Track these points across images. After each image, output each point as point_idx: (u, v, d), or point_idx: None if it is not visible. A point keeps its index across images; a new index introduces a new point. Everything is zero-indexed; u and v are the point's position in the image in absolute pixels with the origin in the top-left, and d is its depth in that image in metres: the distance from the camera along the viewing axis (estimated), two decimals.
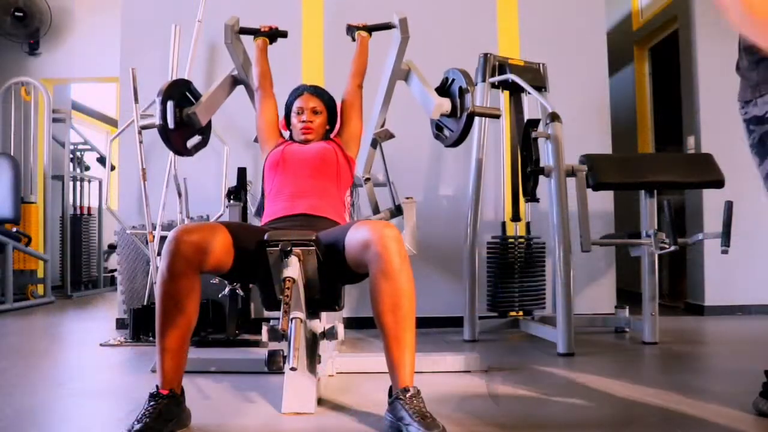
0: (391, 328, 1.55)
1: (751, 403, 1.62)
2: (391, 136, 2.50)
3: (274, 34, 2.40)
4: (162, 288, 1.54)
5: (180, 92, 2.18)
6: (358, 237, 1.59)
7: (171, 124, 2.07)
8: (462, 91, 2.11)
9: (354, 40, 2.43)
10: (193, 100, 2.24)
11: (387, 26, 2.41)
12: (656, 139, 4.77)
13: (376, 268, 1.55)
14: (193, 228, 1.58)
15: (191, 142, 2.24)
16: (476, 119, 3.02)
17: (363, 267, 1.60)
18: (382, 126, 2.50)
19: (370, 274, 1.57)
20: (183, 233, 1.55)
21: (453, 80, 2.20)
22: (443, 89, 2.25)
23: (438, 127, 2.34)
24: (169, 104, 2.07)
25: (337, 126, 2.28)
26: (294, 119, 2.16)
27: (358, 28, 2.43)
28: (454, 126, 2.20)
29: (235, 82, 2.39)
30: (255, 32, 2.37)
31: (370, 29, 2.43)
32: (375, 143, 2.55)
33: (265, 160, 2.12)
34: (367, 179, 2.61)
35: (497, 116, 2.35)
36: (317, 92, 2.19)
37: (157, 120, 2.08)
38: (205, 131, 2.31)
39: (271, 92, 2.29)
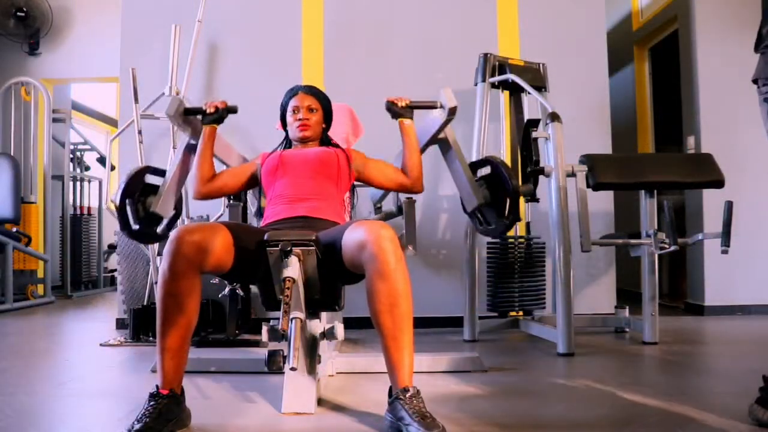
0: (389, 328, 1.55)
1: (747, 408, 1.57)
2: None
3: (221, 116, 2.07)
4: (163, 288, 1.54)
5: (139, 183, 2.08)
6: (354, 238, 1.59)
7: (135, 226, 2.00)
8: (513, 197, 2.03)
9: (394, 119, 2.12)
10: (159, 178, 2.13)
11: (433, 106, 2.11)
12: (656, 139, 4.77)
13: (372, 269, 1.55)
14: (194, 228, 1.58)
15: (162, 227, 2.11)
16: (476, 119, 3.03)
17: (360, 267, 1.60)
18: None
19: (366, 275, 1.57)
20: (185, 233, 1.55)
21: (496, 174, 2.10)
22: (475, 168, 2.19)
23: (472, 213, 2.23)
24: (128, 208, 1.98)
25: (350, 127, 2.25)
26: (290, 118, 2.15)
27: (399, 112, 2.09)
28: (492, 218, 2.13)
29: (193, 150, 2.17)
30: (201, 113, 2.08)
31: (413, 108, 2.11)
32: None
33: (261, 173, 2.09)
34: (378, 209, 2.61)
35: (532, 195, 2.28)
36: (312, 91, 2.19)
37: (118, 226, 2.03)
38: (177, 207, 2.17)
39: (212, 184, 2.08)
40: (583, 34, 3.58)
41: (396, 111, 2.09)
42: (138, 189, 2.08)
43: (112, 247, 6.03)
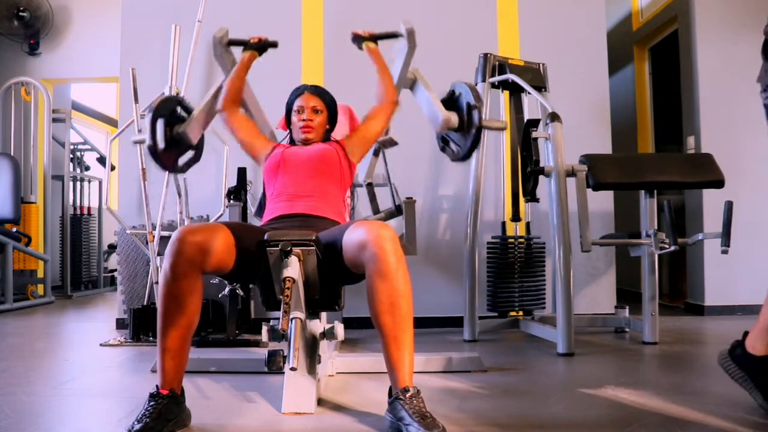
0: (390, 328, 1.55)
1: (718, 354, 1.74)
2: (395, 143, 2.49)
3: (263, 46, 2.31)
4: (164, 288, 1.54)
5: (170, 109, 2.13)
6: (354, 238, 1.59)
7: (161, 144, 2.01)
8: (470, 107, 2.08)
9: (361, 49, 2.35)
10: (185, 115, 2.18)
11: (394, 35, 2.33)
12: (656, 139, 4.78)
13: (372, 269, 1.55)
14: (196, 228, 1.58)
15: (183, 159, 2.18)
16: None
17: (360, 267, 1.60)
18: (386, 134, 2.49)
19: (366, 275, 1.57)
20: (187, 233, 1.55)
21: (460, 94, 2.16)
22: (449, 102, 2.22)
23: (444, 140, 2.31)
24: (159, 123, 2.00)
25: (348, 127, 2.27)
26: (294, 118, 2.16)
27: (364, 38, 2.34)
28: (462, 141, 2.17)
29: None
30: (244, 44, 2.29)
31: (376, 38, 2.35)
32: (378, 151, 2.54)
33: (264, 165, 2.11)
34: (369, 184, 2.61)
35: (503, 128, 2.34)
36: (318, 91, 2.19)
37: (147, 140, 2.03)
38: (198, 147, 2.25)
39: (236, 110, 2.21)
40: (583, 34, 3.58)
41: (361, 39, 2.33)
42: (168, 113, 2.10)
43: (112, 247, 6.03)
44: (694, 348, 2.77)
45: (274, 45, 2.32)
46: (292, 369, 1.47)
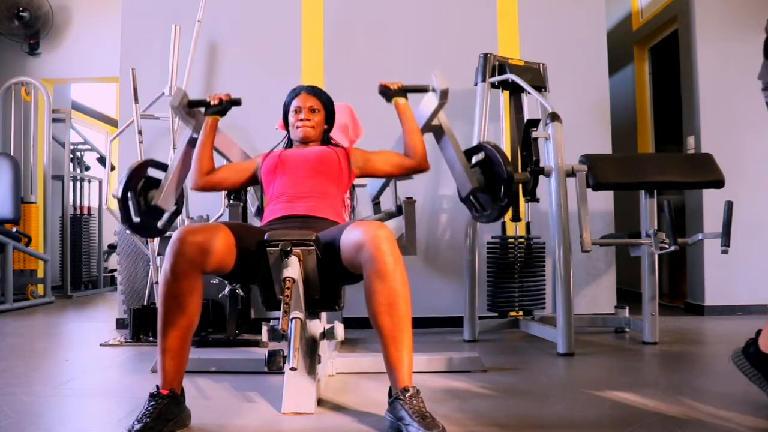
0: (388, 329, 1.55)
1: (731, 351, 1.76)
2: (410, 177, 2.36)
3: (224, 108, 2.12)
4: (165, 288, 1.54)
5: (140, 177, 2.09)
6: (351, 239, 1.59)
7: (136, 220, 2.01)
8: (507, 182, 1.98)
9: (389, 102, 2.18)
10: (161, 173, 2.15)
11: (424, 90, 2.16)
12: (656, 139, 4.78)
13: (370, 270, 1.55)
14: (197, 229, 1.58)
15: (162, 221, 2.13)
16: (476, 118, 3.02)
17: (358, 268, 1.60)
18: None
19: (364, 276, 1.57)
20: (187, 233, 1.55)
21: (488, 159, 2.07)
22: (472, 153, 2.15)
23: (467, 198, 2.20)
24: (130, 201, 1.98)
25: (350, 126, 2.26)
26: (292, 118, 2.16)
27: (392, 92, 2.15)
28: (489, 204, 2.09)
29: (195, 143, 2.17)
30: (205, 105, 2.13)
31: (406, 91, 2.17)
32: (389, 180, 2.48)
33: (261, 173, 2.10)
34: (377, 204, 2.60)
35: (526, 180, 2.26)
36: (315, 92, 2.19)
37: (119, 219, 2.02)
38: (178, 202, 2.20)
39: (210, 176, 2.09)
40: (583, 34, 3.58)
41: (390, 93, 2.16)
42: (140, 182, 2.09)
43: (112, 247, 6.03)
44: (694, 348, 2.77)
45: (237, 103, 2.13)
46: (292, 369, 1.47)
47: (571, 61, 3.54)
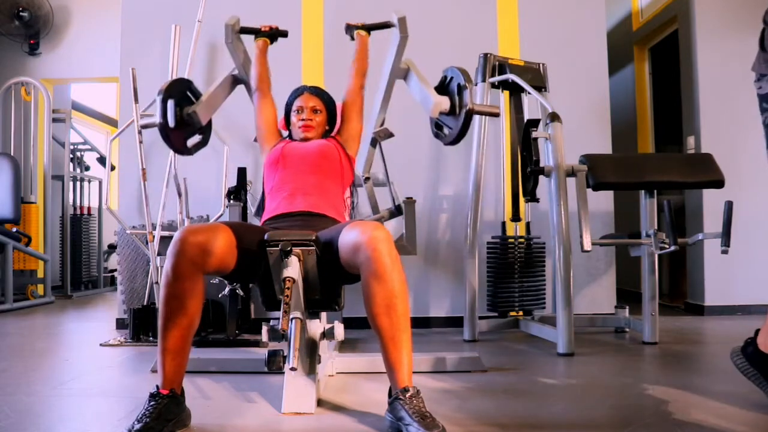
0: (387, 329, 1.54)
1: (731, 350, 1.76)
2: (391, 135, 2.50)
3: (274, 34, 2.39)
4: (166, 289, 1.54)
5: (180, 91, 2.16)
6: (348, 239, 1.59)
7: (171, 123, 2.03)
8: (461, 89, 2.07)
9: (353, 39, 2.41)
10: (193, 99, 2.21)
11: (386, 25, 2.38)
12: (656, 139, 4.78)
13: (367, 271, 1.55)
14: (198, 229, 1.58)
15: (191, 141, 2.20)
16: (476, 118, 3.02)
17: (356, 269, 1.60)
18: (382, 125, 2.49)
19: (362, 277, 1.57)
20: (188, 234, 1.55)
21: (451, 78, 2.16)
22: (442, 87, 2.22)
23: (437, 126, 2.30)
24: (170, 102, 2.03)
25: (338, 125, 2.29)
26: (294, 118, 2.17)
27: (356, 27, 2.40)
28: (453, 124, 2.17)
29: (235, 81, 2.37)
30: (256, 32, 2.36)
31: (369, 28, 2.41)
32: (374, 142, 2.55)
33: (265, 158, 2.13)
34: (367, 178, 2.61)
35: (496, 114, 2.31)
36: (317, 92, 2.20)
37: (157, 118, 2.05)
38: (206, 130, 2.29)
39: (268, 93, 2.28)
40: (583, 34, 3.58)
41: (353, 27, 2.39)
42: (178, 96, 2.11)
43: (112, 247, 6.03)
44: (694, 348, 2.77)
45: (284, 34, 2.41)
46: (292, 369, 1.47)
47: (571, 61, 3.53)
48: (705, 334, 3.14)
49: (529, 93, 3.01)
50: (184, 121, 2.12)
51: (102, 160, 6.07)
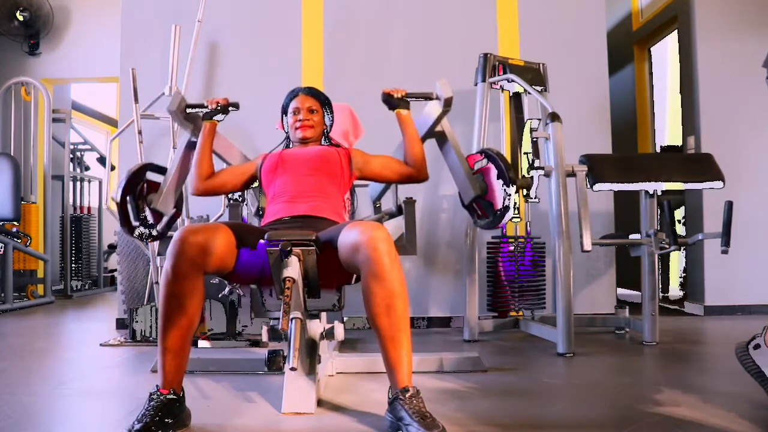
0: (387, 329, 1.54)
1: (735, 345, 1.74)
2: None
3: (224, 109, 2.10)
4: (166, 289, 1.54)
5: (139, 181, 2.10)
6: (348, 240, 1.59)
7: (135, 224, 2.04)
8: (507, 194, 2.00)
9: (391, 109, 2.13)
10: (159, 177, 2.16)
11: (428, 97, 2.14)
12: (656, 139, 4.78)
13: (367, 271, 1.54)
14: (197, 229, 1.58)
15: (162, 225, 2.13)
16: (476, 118, 3.03)
17: (355, 269, 1.60)
18: None
19: (361, 277, 1.57)
20: (188, 234, 1.55)
21: (491, 168, 2.08)
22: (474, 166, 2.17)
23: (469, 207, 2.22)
24: (129, 205, 2.00)
25: (351, 127, 2.26)
26: (290, 119, 2.17)
27: (396, 99, 2.09)
28: (489, 209, 2.10)
29: (193, 146, 2.20)
30: (203, 109, 2.12)
31: (410, 99, 2.13)
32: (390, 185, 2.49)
33: (261, 173, 2.10)
34: (378, 208, 2.61)
35: (529, 188, 2.30)
36: (312, 93, 2.20)
37: (118, 225, 2.04)
38: (177, 205, 2.21)
39: (210, 180, 2.11)
40: (583, 34, 3.57)
41: (393, 102, 2.11)
42: (139, 186, 2.09)
43: (112, 247, 6.03)
44: (694, 348, 2.77)
45: (234, 106, 2.11)
46: (292, 369, 1.47)
47: (571, 61, 3.53)
48: (705, 334, 3.14)
49: (529, 93, 3.01)
50: (150, 214, 2.10)
51: (102, 160, 6.07)
